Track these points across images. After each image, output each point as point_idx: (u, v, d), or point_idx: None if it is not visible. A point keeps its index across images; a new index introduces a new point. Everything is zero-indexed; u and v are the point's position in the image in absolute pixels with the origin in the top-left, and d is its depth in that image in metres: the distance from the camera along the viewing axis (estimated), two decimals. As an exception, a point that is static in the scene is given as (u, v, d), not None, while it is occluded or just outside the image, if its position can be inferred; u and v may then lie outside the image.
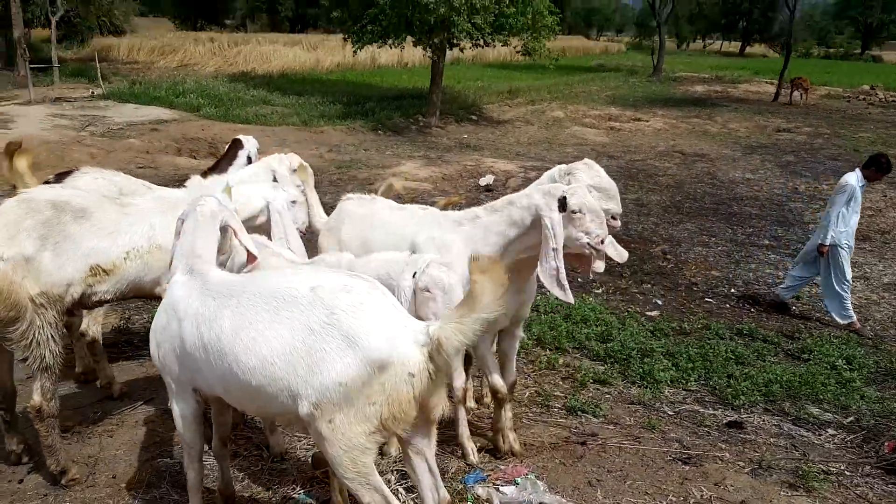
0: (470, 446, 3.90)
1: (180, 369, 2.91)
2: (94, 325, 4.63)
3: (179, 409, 3.04)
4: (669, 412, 4.98)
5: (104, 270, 3.54)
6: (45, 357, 3.40)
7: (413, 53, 29.87)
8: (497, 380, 3.91)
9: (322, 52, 31.86)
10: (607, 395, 5.23)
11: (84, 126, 13.86)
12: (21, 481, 3.76)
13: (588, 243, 3.54)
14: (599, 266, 3.67)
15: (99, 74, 19.06)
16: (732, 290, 7.99)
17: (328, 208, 4.67)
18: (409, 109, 19.79)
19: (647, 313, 7.03)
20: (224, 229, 3.19)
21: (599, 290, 7.68)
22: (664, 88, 30.75)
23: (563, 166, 4.27)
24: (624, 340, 6.08)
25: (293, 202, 4.03)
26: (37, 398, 3.48)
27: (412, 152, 15.47)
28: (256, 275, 3.07)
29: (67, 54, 26.90)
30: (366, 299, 2.59)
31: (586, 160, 4.17)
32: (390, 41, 18.19)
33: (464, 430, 3.90)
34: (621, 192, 4.31)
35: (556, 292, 3.50)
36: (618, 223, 4.07)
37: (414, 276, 3.26)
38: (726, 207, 11.90)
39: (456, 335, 2.43)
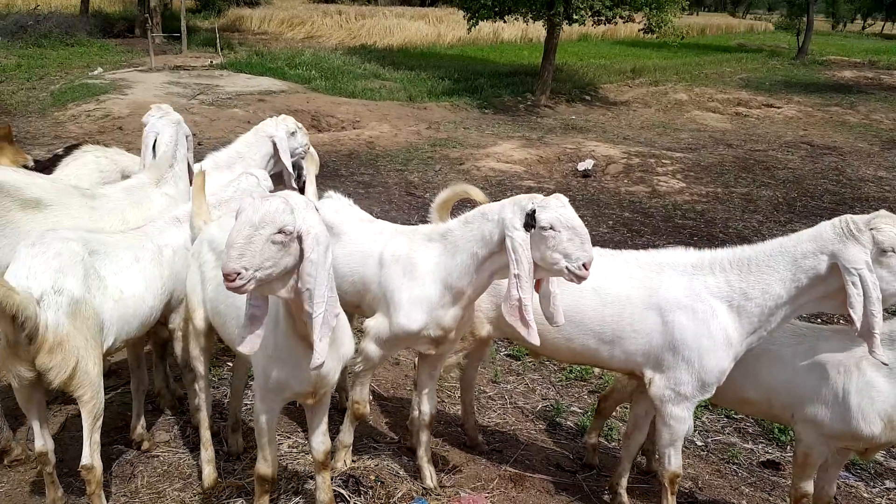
0: (429, 470, 3.59)
1: None
2: None
3: None
4: (699, 443, 4.49)
5: None
6: None
7: (537, 28, 29.10)
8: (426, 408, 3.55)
9: (445, 26, 31.67)
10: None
11: (195, 94, 14.56)
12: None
13: (567, 268, 2.80)
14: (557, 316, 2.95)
15: (218, 44, 19.86)
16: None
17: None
18: (520, 87, 19.29)
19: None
20: None
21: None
22: (807, 73, 28.11)
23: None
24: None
25: None
26: None
27: (512, 132, 15.08)
28: None
29: (204, 23, 28.35)
30: None
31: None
32: (506, 16, 17.80)
33: (424, 454, 3.59)
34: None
35: (520, 329, 2.86)
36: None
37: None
38: (846, 208, 10.67)
39: None
